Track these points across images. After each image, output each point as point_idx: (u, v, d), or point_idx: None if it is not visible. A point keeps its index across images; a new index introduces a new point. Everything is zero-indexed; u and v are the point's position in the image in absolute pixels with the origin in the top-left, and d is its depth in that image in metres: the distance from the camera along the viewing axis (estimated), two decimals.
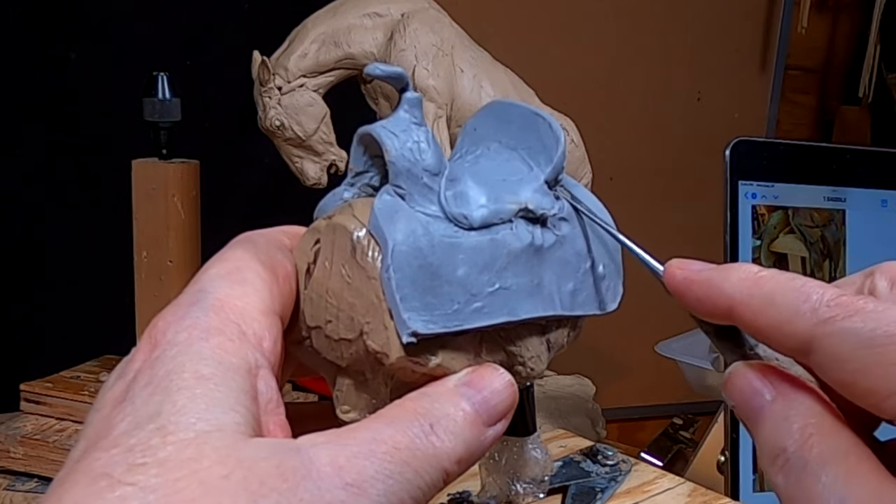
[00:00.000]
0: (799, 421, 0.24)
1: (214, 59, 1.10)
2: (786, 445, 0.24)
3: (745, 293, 0.26)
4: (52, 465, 0.70)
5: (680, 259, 0.29)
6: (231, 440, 0.22)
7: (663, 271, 0.29)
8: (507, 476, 0.32)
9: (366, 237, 0.26)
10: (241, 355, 0.24)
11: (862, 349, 0.23)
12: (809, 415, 0.25)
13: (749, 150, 0.67)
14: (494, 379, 0.27)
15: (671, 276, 0.28)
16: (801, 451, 0.24)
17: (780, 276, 0.26)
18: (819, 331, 0.24)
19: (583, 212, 0.30)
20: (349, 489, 0.22)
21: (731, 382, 0.27)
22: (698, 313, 0.28)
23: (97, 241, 1.06)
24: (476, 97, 0.80)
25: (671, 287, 0.28)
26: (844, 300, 0.24)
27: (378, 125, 0.27)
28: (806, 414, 0.25)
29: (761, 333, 0.26)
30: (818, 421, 0.24)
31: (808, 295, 0.25)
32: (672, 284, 0.28)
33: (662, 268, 0.29)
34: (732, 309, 0.26)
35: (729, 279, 0.27)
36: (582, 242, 0.30)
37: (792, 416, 0.25)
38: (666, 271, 0.29)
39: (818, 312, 0.24)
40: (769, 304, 0.25)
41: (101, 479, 0.21)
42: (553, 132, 0.29)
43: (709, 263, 0.28)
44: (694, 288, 0.28)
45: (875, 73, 1.66)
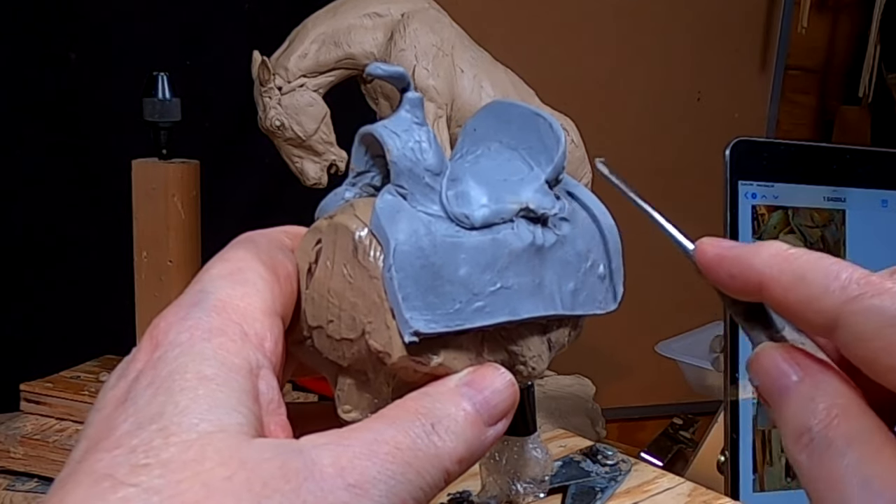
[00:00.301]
0: (825, 401, 0.25)
1: (214, 59, 1.10)
2: (811, 425, 0.24)
3: (775, 269, 0.26)
4: (52, 465, 0.70)
5: (710, 237, 0.29)
6: (234, 441, 0.22)
7: (694, 249, 0.29)
8: (507, 476, 0.32)
9: (368, 237, 0.26)
10: (243, 356, 0.24)
11: (887, 327, 0.23)
12: (836, 395, 0.25)
13: (749, 150, 0.67)
14: (496, 379, 0.27)
15: (702, 253, 0.29)
16: (826, 430, 0.24)
17: (810, 255, 0.26)
18: (847, 308, 0.24)
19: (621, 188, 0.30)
20: (352, 490, 0.22)
21: (759, 362, 0.27)
22: (729, 290, 0.28)
23: (97, 241, 1.06)
24: (476, 97, 0.80)
25: (702, 263, 0.29)
26: (874, 279, 0.24)
27: (380, 125, 0.27)
28: (832, 394, 0.25)
29: (790, 310, 0.26)
30: (844, 402, 0.25)
31: (837, 273, 0.25)
32: (703, 261, 0.28)
33: (693, 246, 0.29)
34: (762, 285, 0.27)
35: (760, 255, 0.27)
36: (582, 242, 0.30)
37: (818, 396, 0.25)
38: (697, 248, 0.29)
39: (847, 290, 0.24)
40: (799, 281, 0.26)
41: (104, 479, 0.21)
42: (553, 132, 0.29)
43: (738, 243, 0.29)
44: (725, 264, 0.28)
45: (875, 73, 1.66)
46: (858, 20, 1.69)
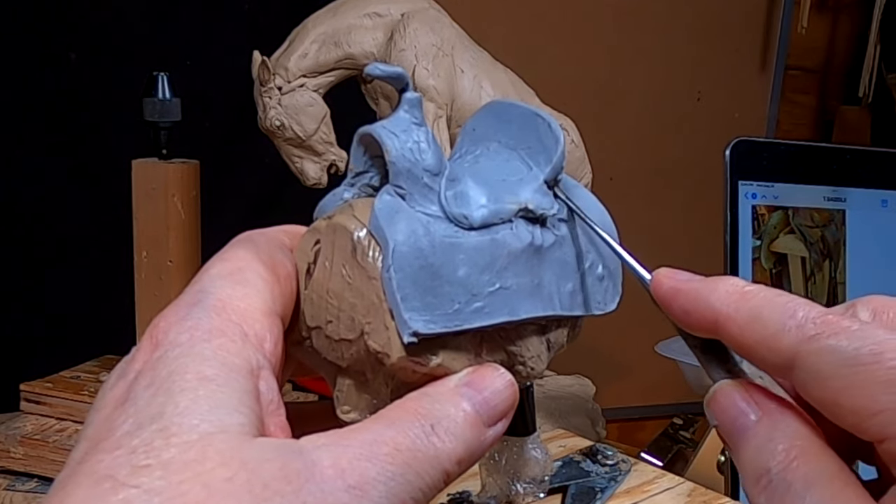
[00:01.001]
0: (784, 442, 0.24)
1: (214, 59, 1.10)
2: (770, 466, 0.24)
3: (731, 307, 0.26)
4: (52, 465, 0.70)
5: (668, 268, 0.28)
6: (235, 442, 0.22)
7: (650, 280, 0.28)
8: (507, 476, 0.32)
9: (366, 237, 0.26)
10: (244, 356, 0.24)
11: (845, 367, 0.23)
12: (795, 437, 0.24)
13: (749, 150, 0.67)
14: (495, 379, 0.27)
15: (658, 285, 0.28)
16: (786, 472, 0.24)
17: (766, 292, 0.26)
18: (803, 348, 0.24)
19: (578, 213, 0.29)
20: (352, 491, 0.22)
21: (716, 401, 0.26)
22: (684, 325, 0.27)
23: (97, 241, 1.05)
24: (476, 97, 0.80)
25: (657, 296, 0.28)
26: (830, 318, 0.24)
27: (378, 125, 0.27)
28: (791, 436, 0.24)
29: (746, 348, 0.26)
30: (803, 443, 0.24)
31: (794, 311, 0.24)
32: (658, 294, 0.28)
33: (650, 276, 0.28)
34: (718, 322, 0.26)
35: (716, 291, 0.26)
36: (581, 243, 0.30)
37: (777, 437, 0.24)
38: (653, 280, 0.28)
39: (803, 329, 0.24)
40: (755, 319, 0.25)
41: (105, 481, 0.21)
42: (552, 132, 0.29)
43: (696, 275, 0.28)
44: (680, 298, 0.27)
45: (875, 73, 1.66)
46: (858, 20, 1.69)
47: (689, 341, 0.28)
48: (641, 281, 0.29)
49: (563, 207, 0.29)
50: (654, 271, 0.28)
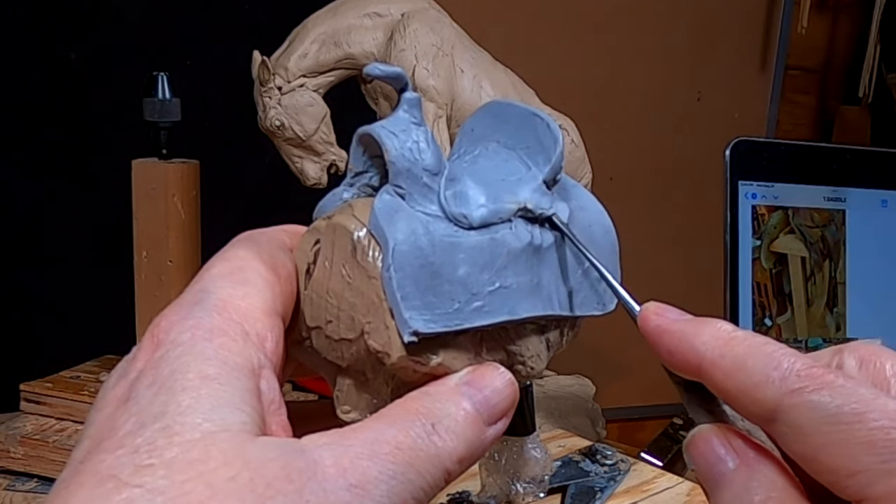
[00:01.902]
0: (760, 493, 0.24)
1: (214, 59, 1.10)
2: None
3: (716, 353, 0.25)
4: (52, 465, 0.70)
5: (657, 304, 0.28)
6: (237, 440, 0.22)
7: (638, 314, 0.28)
8: (506, 476, 0.32)
9: (366, 237, 0.26)
10: (245, 356, 0.24)
11: (827, 424, 0.22)
12: (772, 487, 0.24)
13: (749, 150, 0.67)
14: (495, 378, 0.27)
15: (645, 322, 0.28)
16: None
17: (752, 339, 0.25)
18: (786, 401, 0.23)
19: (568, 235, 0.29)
20: (353, 490, 0.22)
21: (694, 445, 0.26)
22: (669, 366, 0.27)
23: (97, 241, 1.05)
24: (476, 97, 0.80)
25: (644, 333, 0.28)
26: (814, 372, 0.23)
27: (377, 125, 0.27)
28: (768, 486, 0.24)
29: (728, 396, 0.25)
30: (780, 495, 0.24)
31: (778, 362, 0.24)
32: (645, 331, 0.28)
33: (638, 309, 0.28)
34: (701, 367, 0.26)
35: (701, 335, 0.26)
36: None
37: (754, 487, 0.24)
38: (641, 315, 0.28)
39: (787, 381, 0.24)
40: (739, 368, 0.25)
41: (108, 480, 0.21)
42: (551, 132, 0.29)
43: (685, 313, 0.27)
44: (665, 339, 0.27)
45: (875, 73, 1.66)
46: (858, 20, 1.69)
47: (673, 378, 0.28)
48: (630, 312, 0.28)
49: (564, 208, 0.29)
50: (643, 306, 0.28)
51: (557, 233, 0.29)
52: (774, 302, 0.70)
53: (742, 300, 0.68)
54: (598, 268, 0.29)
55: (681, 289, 1.62)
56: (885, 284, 0.74)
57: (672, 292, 1.74)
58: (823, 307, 0.72)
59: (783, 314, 0.71)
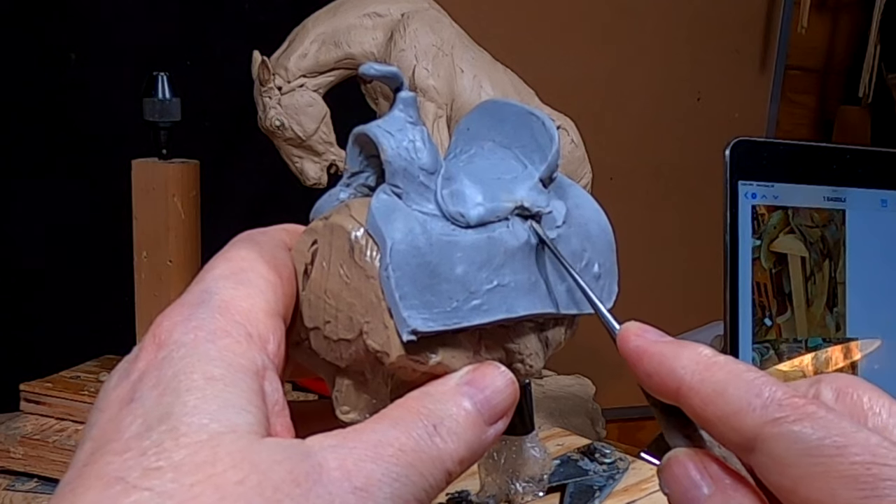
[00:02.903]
0: None
1: (214, 59, 1.10)
2: None
3: (696, 377, 0.25)
4: (52, 465, 0.70)
5: (638, 324, 0.27)
6: (244, 442, 0.22)
7: (618, 333, 0.27)
8: (505, 475, 0.32)
9: (364, 237, 0.26)
10: (249, 357, 0.24)
11: (807, 456, 0.22)
12: None
13: (749, 150, 0.67)
14: (496, 377, 0.26)
15: (624, 342, 0.27)
16: None
17: (733, 365, 0.25)
18: (766, 430, 0.23)
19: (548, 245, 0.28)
20: (358, 493, 0.22)
21: (669, 469, 0.26)
22: (647, 388, 0.27)
23: (97, 242, 1.06)
24: (476, 97, 0.80)
25: (623, 354, 0.27)
26: (796, 402, 0.23)
27: (373, 125, 0.27)
28: None
29: (706, 423, 0.25)
30: None
31: (759, 390, 0.24)
32: (624, 351, 0.27)
33: (619, 328, 0.27)
34: (680, 391, 0.25)
35: (681, 359, 0.26)
36: (577, 241, 0.30)
37: None
38: (620, 335, 0.27)
39: (768, 410, 0.23)
40: (719, 394, 0.24)
41: (116, 483, 0.21)
42: (547, 130, 0.29)
43: (665, 335, 0.27)
44: (645, 361, 0.26)
45: (875, 73, 1.66)
46: (858, 20, 1.69)
47: (650, 400, 0.27)
48: (610, 331, 0.28)
49: (561, 206, 0.29)
50: (624, 325, 0.27)
51: (554, 230, 0.29)
52: (774, 302, 0.70)
53: (742, 300, 0.68)
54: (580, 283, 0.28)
55: (681, 289, 1.62)
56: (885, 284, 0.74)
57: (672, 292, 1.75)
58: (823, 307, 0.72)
59: (783, 314, 0.71)
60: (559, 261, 0.28)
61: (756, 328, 0.70)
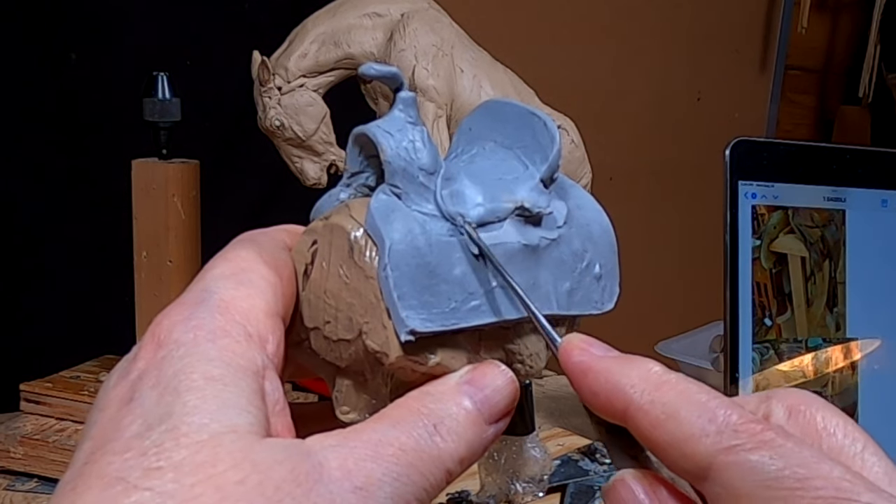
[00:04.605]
0: None
1: (214, 59, 1.10)
2: None
3: (645, 397, 0.23)
4: (52, 465, 0.70)
5: (581, 336, 0.26)
6: (245, 442, 0.22)
7: (559, 346, 0.26)
8: (506, 475, 0.32)
9: (363, 237, 0.26)
10: (249, 357, 0.24)
11: (765, 489, 0.21)
12: None
13: (749, 150, 0.67)
14: (496, 376, 0.26)
15: (566, 356, 0.25)
16: None
17: (685, 385, 0.23)
18: (721, 458, 0.22)
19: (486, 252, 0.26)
20: (358, 492, 0.22)
21: (615, 492, 0.24)
22: (591, 407, 0.25)
23: (97, 241, 1.06)
24: (476, 97, 0.80)
25: (565, 369, 0.25)
26: (752, 428, 0.22)
27: (373, 125, 0.27)
28: None
29: (655, 447, 0.23)
30: None
31: (713, 413, 0.22)
32: (566, 366, 0.25)
33: (560, 340, 0.26)
34: (627, 412, 0.24)
35: (629, 376, 0.24)
36: (578, 242, 0.30)
37: None
38: (562, 349, 0.26)
39: (722, 436, 0.22)
40: (670, 417, 0.23)
41: (116, 483, 0.21)
42: (548, 131, 0.29)
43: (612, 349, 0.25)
44: (590, 377, 0.25)
45: (875, 73, 1.66)
46: (858, 20, 1.69)
47: (593, 419, 0.26)
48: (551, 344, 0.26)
49: (562, 207, 0.29)
50: (566, 338, 0.26)
51: (555, 231, 0.29)
52: (774, 302, 0.70)
53: (742, 300, 0.68)
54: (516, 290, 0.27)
55: (681, 289, 1.62)
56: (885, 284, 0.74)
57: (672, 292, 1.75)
58: (823, 307, 0.72)
59: (783, 314, 0.71)
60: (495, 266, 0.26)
61: (756, 328, 0.69)
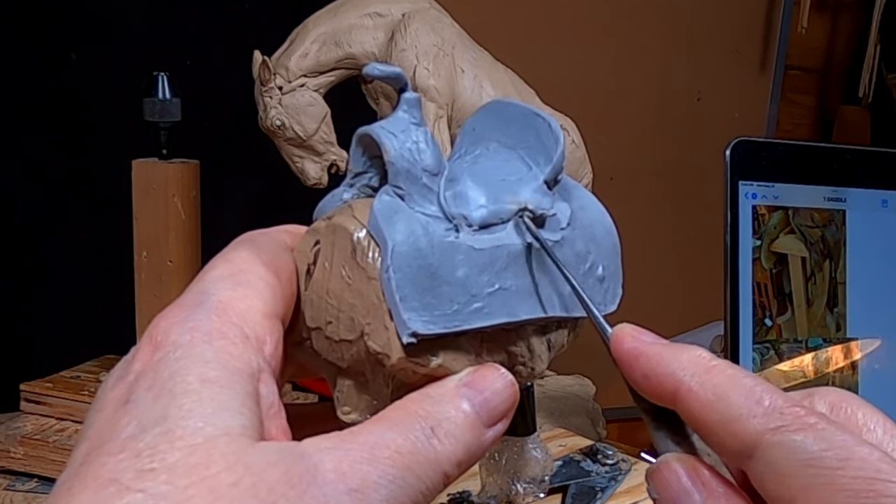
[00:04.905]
0: None
1: (214, 59, 1.10)
2: None
3: (695, 380, 0.24)
4: (52, 465, 0.70)
5: (632, 326, 0.27)
6: (238, 445, 0.22)
7: (611, 335, 0.27)
8: (507, 476, 0.32)
9: (366, 238, 0.26)
10: (245, 359, 0.24)
11: (808, 467, 0.22)
12: None
13: (749, 150, 0.67)
14: (496, 379, 0.26)
15: (618, 344, 0.26)
16: None
17: (733, 370, 0.24)
18: (767, 438, 0.22)
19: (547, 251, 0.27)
20: (353, 495, 0.22)
21: (660, 474, 0.25)
22: (641, 390, 0.26)
23: (97, 241, 1.05)
24: (477, 97, 0.80)
25: (617, 356, 0.26)
26: (797, 411, 0.23)
27: (377, 125, 0.27)
28: None
29: (704, 427, 0.24)
30: None
31: (760, 397, 0.23)
32: (618, 353, 0.26)
33: (611, 330, 0.27)
34: (678, 394, 0.25)
35: (679, 360, 0.25)
36: (581, 244, 0.30)
37: None
38: (613, 337, 0.26)
39: (769, 418, 0.23)
40: (719, 398, 0.24)
41: (110, 484, 0.21)
42: (552, 132, 0.29)
43: (660, 337, 0.26)
44: (642, 361, 0.26)
45: (875, 73, 1.66)
46: (858, 20, 1.69)
47: (641, 405, 0.26)
48: (602, 334, 0.27)
49: (566, 208, 0.29)
50: (617, 326, 0.27)
51: (558, 233, 0.29)
52: (775, 302, 0.70)
53: (742, 300, 0.68)
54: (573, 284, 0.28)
55: (681, 289, 1.62)
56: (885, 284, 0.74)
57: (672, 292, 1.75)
58: (823, 307, 0.72)
59: (783, 314, 0.71)
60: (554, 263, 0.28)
61: (756, 328, 0.69)
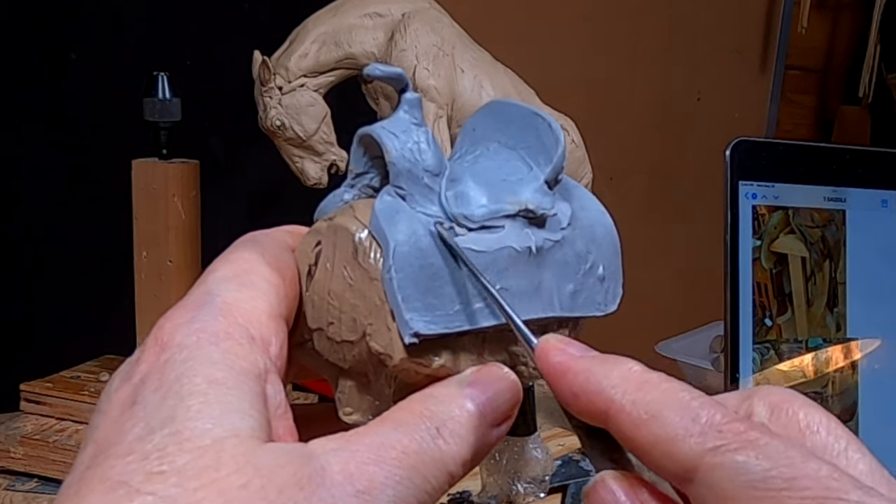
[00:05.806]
0: None
1: (214, 59, 1.10)
2: None
3: (626, 398, 0.23)
4: (52, 465, 0.70)
5: (558, 337, 0.25)
6: (247, 446, 0.22)
7: (536, 347, 0.25)
8: (507, 476, 0.32)
9: (367, 238, 0.26)
10: (251, 360, 0.24)
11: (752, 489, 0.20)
12: None
13: (749, 150, 0.67)
14: (500, 379, 0.26)
15: (544, 357, 0.25)
16: None
17: (666, 385, 0.23)
18: (706, 460, 0.21)
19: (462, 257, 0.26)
20: (360, 496, 0.22)
21: (596, 494, 0.23)
22: (571, 409, 0.24)
23: (97, 241, 1.05)
24: (477, 97, 0.80)
25: (543, 371, 0.25)
26: (737, 427, 0.21)
27: (378, 126, 0.27)
28: None
29: (637, 448, 0.23)
30: None
31: (697, 414, 0.22)
32: (544, 368, 0.25)
33: (536, 342, 0.25)
34: (609, 413, 0.23)
35: (609, 376, 0.23)
36: (582, 244, 0.30)
37: None
38: (538, 349, 0.25)
39: (706, 437, 0.21)
40: (653, 417, 0.22)
41: (119, 487, 0.21)
42: (552, 132, 0.29)
43: (589, 349, 0.25)
44: (569, 378, 0.24)
45: (875, 73, 1.66)
46: (858, 20, 1.69)
47: (572, 421, 0.25)
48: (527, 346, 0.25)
49: (566, 208, 0.29)
50: (542, 338, 0.25)
51: (559, 233, 0.29)
52: (775, 302, 0.70)
53: (742, 300, 0.68)
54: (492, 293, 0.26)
55: (681, 289, 1.62)
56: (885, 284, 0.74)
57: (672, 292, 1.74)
58: (824, 307, 0.72)
59: (783, 314, 0.71)
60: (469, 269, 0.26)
61: (756, 328, 0.69)
